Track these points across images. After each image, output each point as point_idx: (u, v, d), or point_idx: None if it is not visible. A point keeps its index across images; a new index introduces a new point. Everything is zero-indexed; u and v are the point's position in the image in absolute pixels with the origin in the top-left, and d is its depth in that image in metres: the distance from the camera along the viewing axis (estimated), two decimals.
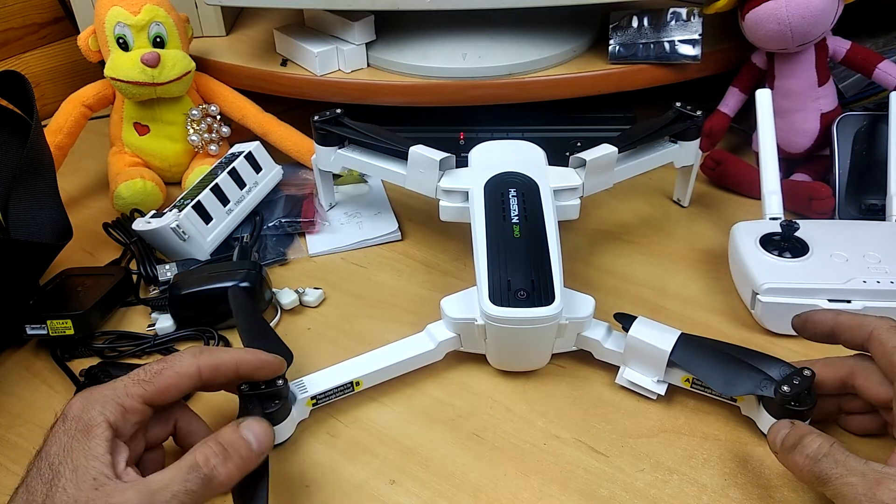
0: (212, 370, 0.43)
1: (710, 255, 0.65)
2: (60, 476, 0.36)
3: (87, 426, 0.37)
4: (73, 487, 0.35)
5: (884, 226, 0.60)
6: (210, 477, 0.38)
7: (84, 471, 0.36)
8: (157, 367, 0.42)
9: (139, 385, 0.40)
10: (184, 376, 0.42)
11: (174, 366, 0.42)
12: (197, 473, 0.37)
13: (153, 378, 0.41)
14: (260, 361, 0.45)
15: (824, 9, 0.63)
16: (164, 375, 0.41)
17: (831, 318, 0.46)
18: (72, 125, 0.72)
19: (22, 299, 0.57)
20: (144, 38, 0.69)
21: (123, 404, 0.39)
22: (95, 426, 0.37)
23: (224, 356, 0.44)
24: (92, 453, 0.37)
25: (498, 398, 0.52)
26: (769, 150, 0.63)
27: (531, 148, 0.62)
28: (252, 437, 0.41)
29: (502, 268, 0.51)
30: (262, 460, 0.42)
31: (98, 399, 0.39)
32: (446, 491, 0.46)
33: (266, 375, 0.46)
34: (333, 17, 0.75)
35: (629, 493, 0.45)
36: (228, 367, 0.44)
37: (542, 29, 0.77)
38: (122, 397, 0.39)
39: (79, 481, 0.35)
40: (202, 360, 0.43)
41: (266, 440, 0.42)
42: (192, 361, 0.42)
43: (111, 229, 0.68)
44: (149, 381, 0.41)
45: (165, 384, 0.41)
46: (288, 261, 0.66)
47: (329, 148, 0.66)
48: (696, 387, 0.50)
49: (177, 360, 0.42)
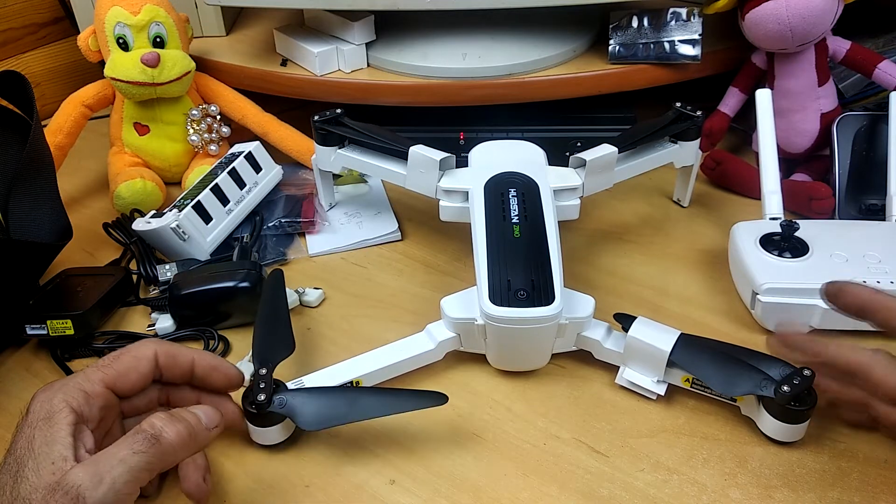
0: (168, 358, 0.44)
1: (710, 255, 0.65)
2: (24, 466, 0.36)
3: (49, 414, 0.38)
4: (35, 476, 0.36)
5: (884, 226, 0.60)
6: (157, 437, 0.38)
7: (45, 457, 0.36)
8: (117, 353, 0.44)
9: (99, 370, 0.42)
10: (141, 359, 0.43)
11: (132, 350, 0.44)
12: (143, 435, 0.38)
13: (112, 362, 0.43)
14: (216, 364, 0.46)
15: (824, 9, 0.63)
16: (122, 359, 0.43)
17: (868, 294, 0.45)
18: (72, 125, 0.72)
19: (22, 299, 0.57)
20: (144, 38, 0.69)
21: (85, 389, 0.40)
22: (57, 412, 0.38)
23: (183, 349, 0.46)
24: (53, 438, 0.37)
25: (498, 398, 0.52)
26: (769, 150, 0.63)
27: (531, 148, 0.62)
28: (199, 411, 0.42)
29: (502, 268, 0.51)
30: (212, 438, 0.42)
31: (59, 388, 0.40)
32: (446, 491, 0.46)
33: (220, 381, 0.47)
34: (333, 17, 0.75)
35: (629, 493, 0.45)
36: (185, 358, 0.45)
37: (543, 29, 0.77)
38: (84, 382, 0.41)
39: (39, 468, 0.36)
40: (160, 348, 0.45)
41: (214, 416, 0.42)
42: (149, 346, 0.44)
43: (111, 229, 0.68)
44: (108, 366, 0.42)
45: (125, 367, 0.43)
46: (288, 261, 0.66)
47: (329, 148, 0.66)
48: (696, 387, 0.50)
49: (135, 346, 0.44)
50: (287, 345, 0.51)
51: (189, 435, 0.40)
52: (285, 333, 0.52)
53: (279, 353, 0.49)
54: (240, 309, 0.58)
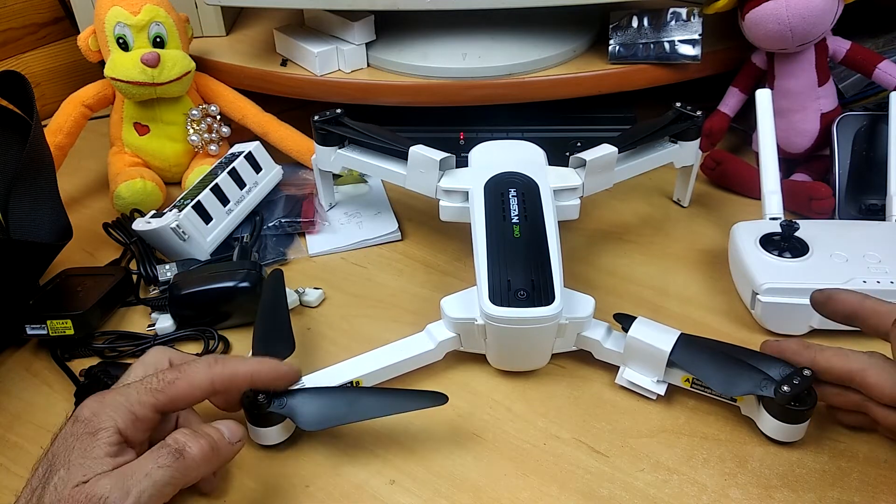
0: (226, 382, 0.43)
1: (710, 255, 0.65)
2: (55, 474, 0.36)
3: (95, 429, 0.38)
4: (62, 485, 0.36)
5: (884, 226, 0.60)
6: (180, 451, 0.38)
7: (77, 469, 0.36)
8: (171, 377, 0.41)
9: (151, 394, 0.40)
10: (196, 388, 0.42)
11: (188, 376, 0.42)
12: (167, 450, 0.38)
13: (166, 388, 0.41)
14: (276, 373, 0.46)
15: (824, 9, 0.63)
16: (176, 386, 0.41)
17: (857, 301, 0.45)
18: (72, 125, 0.72)
19: (22, 299, 0.57)
20: (144, 38, 0.69)
21: (135, 412, 0.39)
22: (103, 430, 0.38)
23: (241, 367, 0.44)
24: (92, 454, 0.37)
25: (498, 398, 0.52)
26: (769, 150, 0.63)
27: (531, 148, 0.62)
28: (223, 426, 0.42)
29: (502, 268, 0.51)
30: (235, 452, 0.42)
31: (110, 404, 0.39)
32: (446, 491, 0.46)
33: (281, 386, 0.46)
34: (333, 17, 0.75)
35: (629, 493, 0.45)
36: (243, 378, 0.44)
37: (542, 29, 0.77)
38: (135, 405, 0.40)
39: (69, 479, 0.36)
40: (216, 372, 0.42)
41: (237, 431, 0.42)
42: (206, 373, 0.42)
43: (111, 229, 0.68)
44: (161, 391, 0.41)
45: (177, 394, 0.41)
46: (288, 261, 0.66)
47: (329, 148, 0.66)
48: (696, 387, 0.50)
49: (191, 371, 0.42)
50: (287, 345, 0.51)
51: (212, 450, 0.40)
52: (285, 333, 0.52)
53: (279, 353, 0.49)
54: (240, 309, 0.58)
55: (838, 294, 0.47)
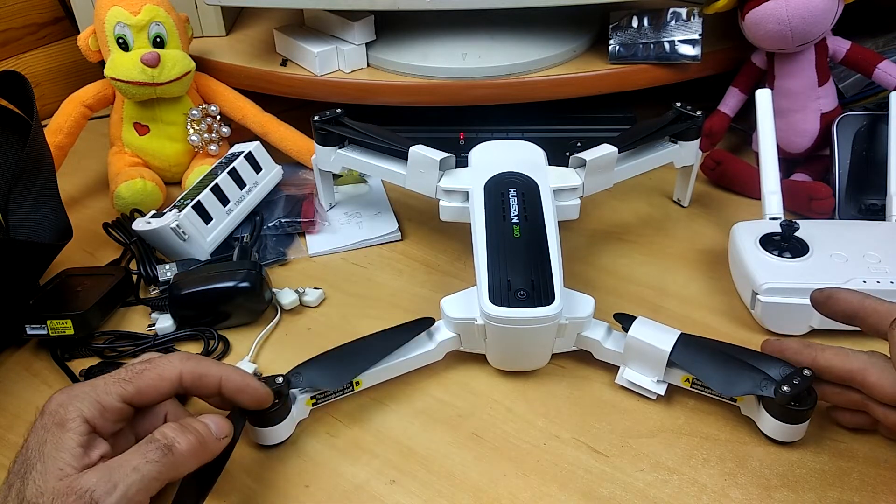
0: (194, 378, 0.43)
1: (710, 255, 0.65)
2: (32, 469, 0.36)
3: (62, 420, 0.38)
4: (41, 479, 0.36)
5: (884, 226, 0.60)
6: (169, 446, 0.38)
7: (52, 462, 0.36)
8: (140, 367, 0.42)
9: (119, 384, 0.40)
10: (165, 380, 0.42)
11: (157, 367, 0.42)
12: (156, 445, 0.38)
13: (134, 378, 0.41)
14: (245, 385, 0.45)
15: (824, 9, 0.63)
16: (144, 376, 0.41)
17: (858, 300, 0.45)
18: (72, 125, 0.72)
19: (22, 299, 0.57)
20: (144, 38, 0.69)
21: (102, 402, 0.39)
22: (70, 420, 0.38)
23: (212, 368, 0.44)
24: (63, 446, 0.37)
25: (498, 398, 0.52)
26: (769, 150, 0.63)
27: (531, 148, 0.62)
28: (209, 421, 0.42)
29: (502, 268, 0.51)
30: (221, 447, 0.42)
31: (77, 395, 0.39)
32: (446, 491, 0.46)
33: (248, 401, 0.45)
34: (333, 17, 0.75)
35: (629, 493, 0.45)
36: (212, 379, 0.43)
37: (542, 29, 0.77)
38: (101, 395, 0.40)
39: (46, 473, 0.36)
40: (187, 367, 0.42)
41: (224, 426, 0.42)
42: (175, 366, 0.42)
43: (111, 229, 0.68)
44: (129, 381, 0.41)
45: (145, 385, 0.41)
46: (288, 261, 0.66)
47: (329, 148, 0.66)
48: (696, 387, 0.50)
49: (161, 363, 0.42)
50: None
51: (200, 445, 0.40)
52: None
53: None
54: (240, 309, 0.58)
55: (838, 293, 0.47)
